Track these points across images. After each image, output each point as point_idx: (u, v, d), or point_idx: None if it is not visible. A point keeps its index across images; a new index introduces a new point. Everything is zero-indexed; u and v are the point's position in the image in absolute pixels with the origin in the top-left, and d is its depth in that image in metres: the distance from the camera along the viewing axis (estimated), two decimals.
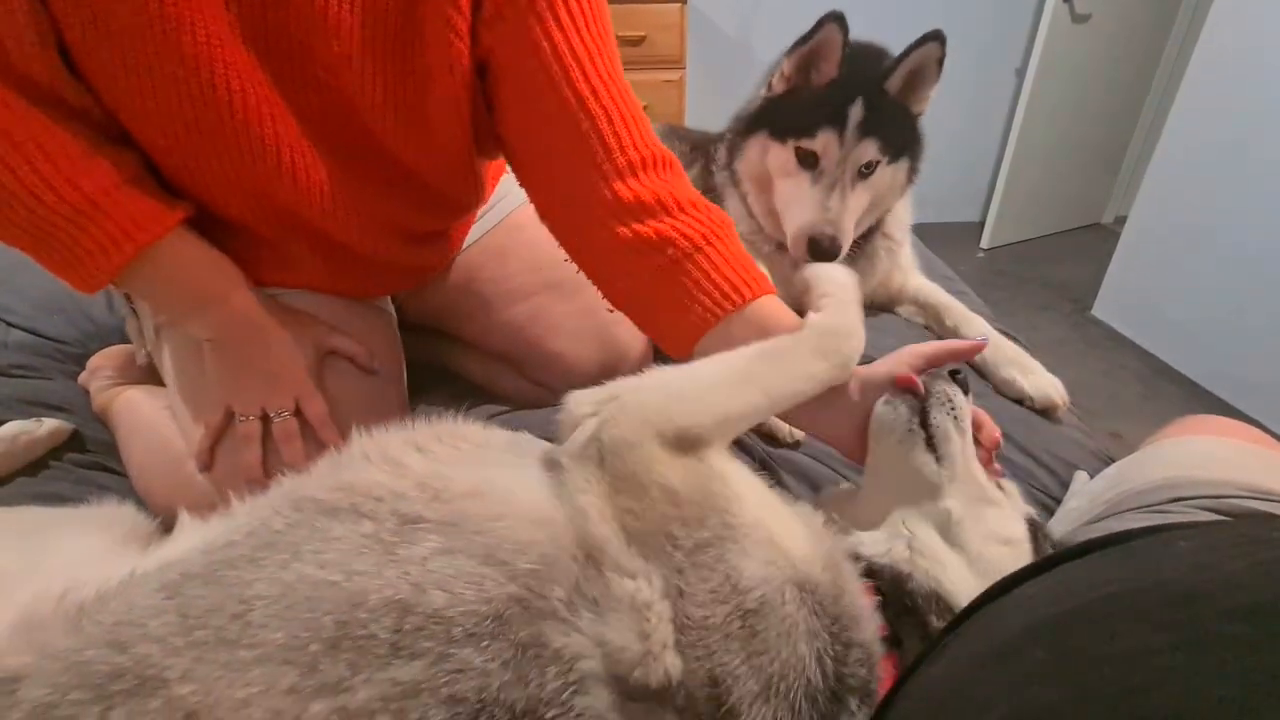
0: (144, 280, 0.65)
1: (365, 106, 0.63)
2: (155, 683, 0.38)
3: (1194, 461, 0.62)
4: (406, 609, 0.40)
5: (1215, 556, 0.32)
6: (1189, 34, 2.93)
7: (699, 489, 0.48)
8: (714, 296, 0.63)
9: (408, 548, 0.44)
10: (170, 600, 0.42)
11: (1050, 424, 0.92)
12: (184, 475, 0.71)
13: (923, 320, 1.13)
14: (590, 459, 0.48)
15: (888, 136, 0.92)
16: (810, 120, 0.90)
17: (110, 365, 0.90)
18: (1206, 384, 2.23)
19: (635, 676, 0.40)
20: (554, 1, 0.61)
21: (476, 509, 0.46)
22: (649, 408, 0.51)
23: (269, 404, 0.68)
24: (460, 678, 0.38)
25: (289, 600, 0.41)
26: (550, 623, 0.41)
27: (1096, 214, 3.53)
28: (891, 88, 0.91)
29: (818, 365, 0.58)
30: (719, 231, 0.65)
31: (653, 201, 0.63)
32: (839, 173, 0.91)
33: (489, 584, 0.41)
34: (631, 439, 0.48)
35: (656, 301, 0.66)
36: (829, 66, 0.90)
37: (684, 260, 0.63)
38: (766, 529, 0.47)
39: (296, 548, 0.44)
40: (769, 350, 0.58)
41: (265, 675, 0.38)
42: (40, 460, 0.80)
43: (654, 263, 0.63)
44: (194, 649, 0.39)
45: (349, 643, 0.39)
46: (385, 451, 0.53)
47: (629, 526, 0.45)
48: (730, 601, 0.43)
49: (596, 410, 0.51)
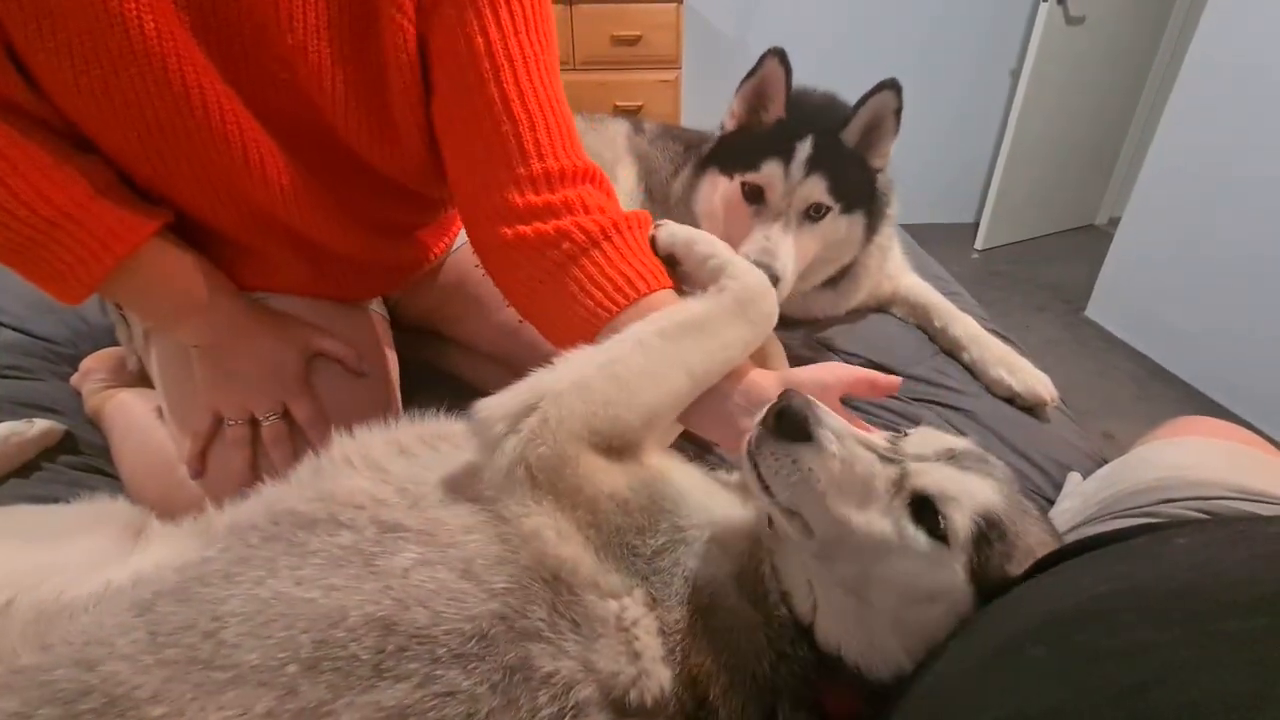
0: (127, 289, 0.65)
1: (325, 102, 0.62)
2: (125, 702, 0.36)
3: (1185, 463, 0.62)
4: (389, 627, 0.39)
5: (1214, 552, 0.32)
6: (1182, 36, 2.95)
7: (645, 494, 0.47)
8: (606, 290, 0.59)
9: (388, 559, 0.43)
10: (140, 618, 0.41)
11: (1044, 425, 0.92)
12: (175, 479, 0.71)
13: (913, 320, 1.13)
14: (519, 481, 0.45)
15: (838, 180, 0.89)
16: (757, 154, 0.90)
17: (103, 368, 0.89)
18: (1199, 385, 2.24)
19: (631, 699, 0.40)
20: (497, 1, 0.60)
21: (450, 518, 0.45)
22: (574, 419, 0.47)
23: (256, 408, 0.68)
24: (449, 702, 0.37)
25: (264, 618, 0.40)
26: (536, 644, 0.40)
27: (1090, 215, 3.55)
28: (849, 139, 0.89)
29: (740, 330, 0.55)
30: (622, 226, 0.62)
31: (559, 204, 0.61)
32: (784, 206, 0.89)
33: (470, 600, 0.41)
34: (566, 454, 0.46)
35: (549, 299, 0.62)
36: (775, 106, 0.89)
37: (579, 255, 0.60)
38: (711, 522, 0.47)
39: (272, 563, 0.43)
40: (684, 324, 0.54)
41: (240, 698, 0.37)
42: (32, 462, 0.80)
43: (549, 258, 0.61)
44: (164, 668, 0.38)
45: (329, 664, 0.38)
46: (368, 455, 0.52)
47: (594, 542, 0.44)
48: (691, 602, 0.43)
49: (514, 427, 0.47)
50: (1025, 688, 0.28)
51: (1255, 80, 2.01)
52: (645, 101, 2.49)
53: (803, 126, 0.89)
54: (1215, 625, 0.25)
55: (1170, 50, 3.10)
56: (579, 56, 2.46)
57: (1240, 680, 0.23)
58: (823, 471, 0.41)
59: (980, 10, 3.03)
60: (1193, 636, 0.25)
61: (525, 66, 0.62)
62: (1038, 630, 0.32)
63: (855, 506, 0.41)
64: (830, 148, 0.88)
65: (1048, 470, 0.83)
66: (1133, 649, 0.26)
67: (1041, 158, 3.10)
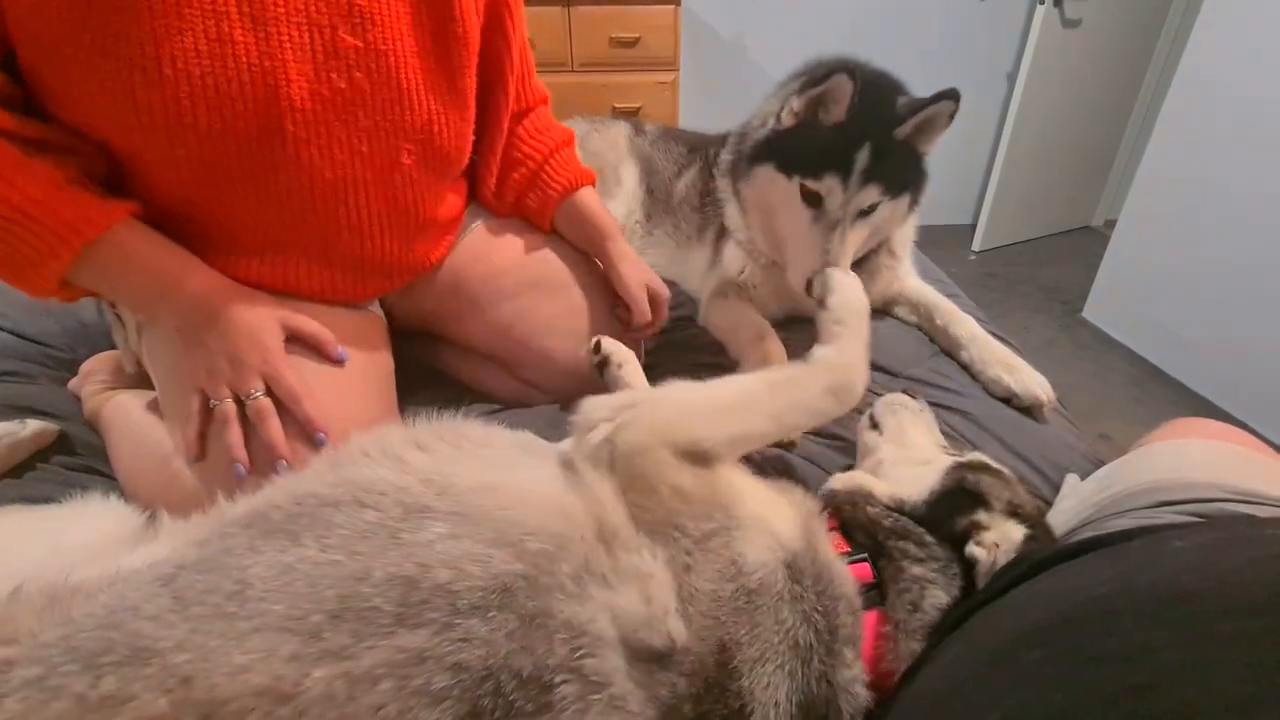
0: (97, 278, 0.66)
1: (401, 55, 0.72)
2: (148, 653, 0.37)
3: (1182, 464, 0.63)
4: (411, 584, 0.40)
5: (1211, 554, 0.33)
6: (1178, 39, 2.96)
7: (707, 489, 0.51)
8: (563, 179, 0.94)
9: (413, 533, 0.44)
10: (165, 588, 0.41)
11: (1041, 427, 0.92)
12: (170, 472, 0.71)
13: (916, 320, 1.14)
14: (601, 461, 0.51)
15: (891, 179, 0.92)
16: (817, 162, 0.91)
17: (105, 369, 0.89)
18: (1195, 387, 2.24)
19: (640, 637, 0.41)
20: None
21: (487, 502, 0.47)
22: (664, 418, 0.54)
23: (238, 386, 0.68)
24: (466, 646, 0.39)
25: (289, 578, 0.41)
26: (558, 596, 0.42)
27: (1086, 217, 3.56)
28: (901, 134, 0.91)
29: (826, 401, 0.62)
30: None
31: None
32: (841, 214, 0.92)
33: (496, 562, 0.42)
34: (645, 443, 0.51)
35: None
36: (838, 110, 0.90)
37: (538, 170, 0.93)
38: (765, 519, 0.51)
39: (297, 535, 0.44)
40: (784, 380, 0.62)
41: (265, 642, 0.38)
42: (26, 463, 0.79)
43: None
44: (188, 622, 0.39)
45: (352, 614, 0.39)
46: (386, 448, 0.54)
47: (638, 518, 0.48)
48: (736, 580, 0.46)
49: (613, 416, 0.53)
50: (1023, 690, 0.28)
51: (1250, 83, 2.02)
52: (643, 103, 2.49)
53: (861, 132, 0.90)
54: (1212, 627, 0.25)
55: (1166, 53, 3.11)
56: (577, 58, 2.45)
57: (1237, 682, 0.23)
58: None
59: (976, 14, 3.04)
60: (1190, 638, 0.25)
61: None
62: (1035, 632, 0.32)
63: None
64: (886, 149, 0.90)
65: (1045, 472, 0.83)
66: (1130, 651, 0.26)
67: (1038, 160, 3.10)
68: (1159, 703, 0.23)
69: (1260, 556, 0.31)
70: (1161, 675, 0.24)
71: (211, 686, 0.36)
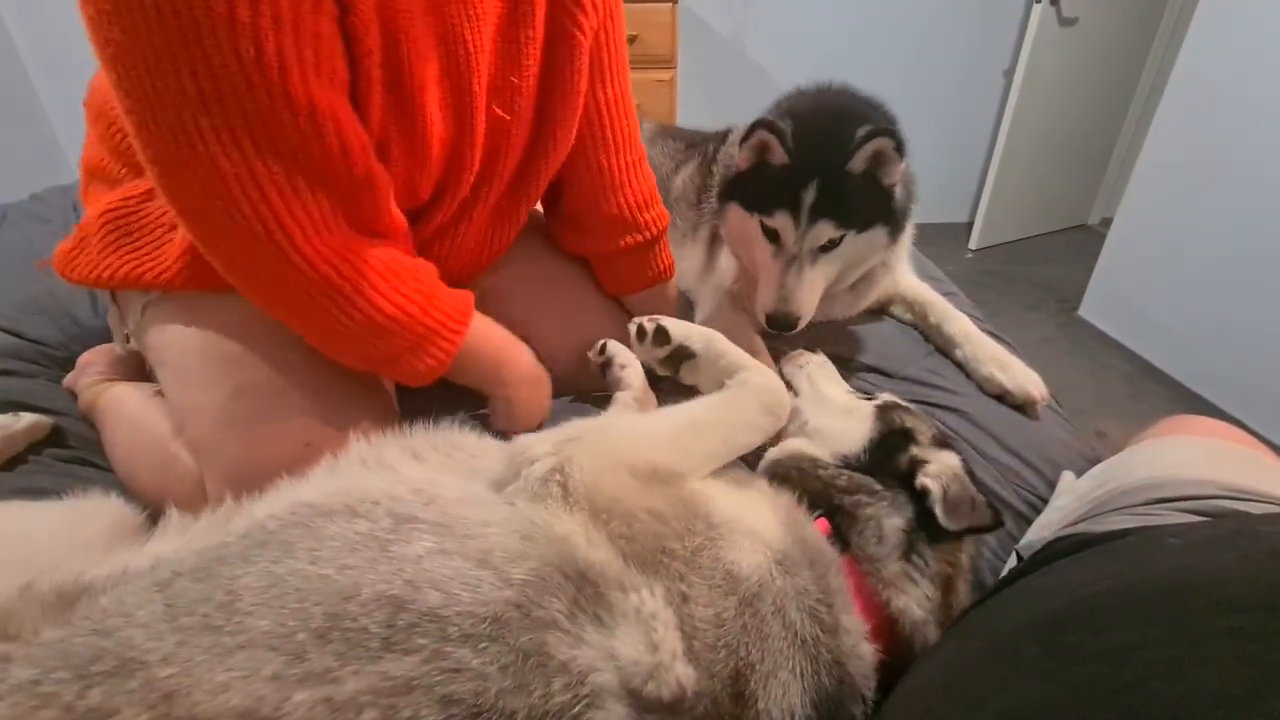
0: (459, 366, 0.73)
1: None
2: (135, 664, 0.37)
3: (1178, 461, 0.63)
4: (400, 605, 0.40)
5: (1205, 551, 0.33)
6: (1174, 37, 2.96)
7: (680, 505, 0.51)
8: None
9: (403, 545, 0.44)
10: (159, 593, 0.42)
11: (1037, 425, 0.92)
12: (167, 456, 0.71)
13: (911, 318, 1.14)
14: (551, 496, 0.49)
15: (847, 214, 0.90)
16: (770, 200, 0.91)
17: (101, 360, 0.90)
18: (1191, 384, 2.25)
19: (648, 690, 0.40)
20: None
21: (468, 513, 0.47)
22: (620, 447, 0.54)
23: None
24: (456, 678, 0.38)
25: (278, 591, 0.41)
26: (553, 633, 0.40)
27: (1083, 215, 3.56)
28: (855, 168, 0.88)
29: (767, 419, 0.65)
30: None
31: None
32: (797, 249, 0.92)
33: (485, 587, 0.41)
34: (605, 472, 0.50)
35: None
36: (778, 154, 0.90)
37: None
38: (740, 520, 0.51)
39: (290, 545, 0.44)
40: (722, 403, 0.65)
41: (248, 660, 0.37)
42: (19, 456, 0.80)
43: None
44: (177, 634, 0.39)
45: (338, 634, 0.38)
46: (382, 458, 0.55)
47: (625, 551, 0.46)
48: (735, 593, 0.45)
49: (556, 450, 0.52)
50: (1018, 686, 0.28)
51: (1246, 81, 2.02)
52: (641, 101, 2.49)
53: (808, 169, 0.89)
54: (1206, 623, 0.25)
55: (1162, 51, 3.11)
56: None
57: (1230, 678, 0.23)
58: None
59: (973, 11, 3.04)
60: (1184, 635, 0.25)
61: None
62: (1031, 628, 0.32)
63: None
64: (837, 184, 0.88)
65: (1041, 469, 0.84)
66: (1124, 647, 0.26)
67: (1035, 158, 3.11)
68: (1152, 698, 0.23)
69: (1253, 553, 0.31)
70: (1155, 671, 0.24)
71: (192, 705, 0.36)
